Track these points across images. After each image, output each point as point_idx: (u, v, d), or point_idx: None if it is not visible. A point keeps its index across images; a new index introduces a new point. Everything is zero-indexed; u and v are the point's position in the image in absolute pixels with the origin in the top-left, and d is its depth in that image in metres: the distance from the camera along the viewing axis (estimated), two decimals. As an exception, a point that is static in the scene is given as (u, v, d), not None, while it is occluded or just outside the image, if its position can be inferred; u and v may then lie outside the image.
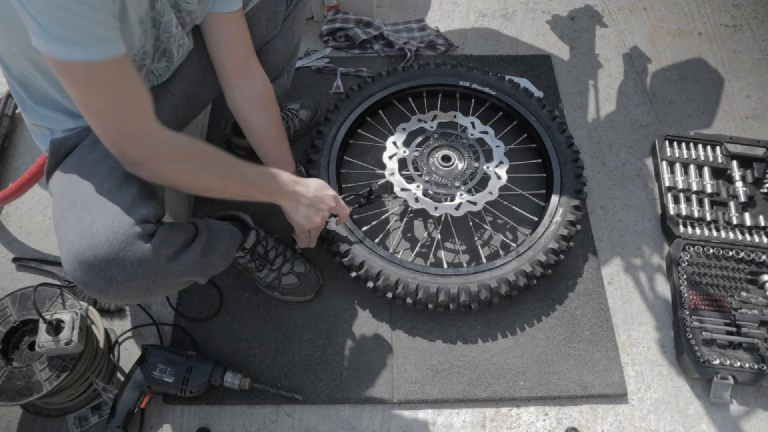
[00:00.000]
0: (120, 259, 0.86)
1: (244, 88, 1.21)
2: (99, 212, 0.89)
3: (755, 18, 2.03)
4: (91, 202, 0.91)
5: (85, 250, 0.85)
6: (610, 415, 1.28)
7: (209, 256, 1.04)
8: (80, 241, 0.86)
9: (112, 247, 0.85)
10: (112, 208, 0.90)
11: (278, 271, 1.32)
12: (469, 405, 1.28)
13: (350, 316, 1.37)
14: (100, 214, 0.88)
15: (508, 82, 1.63)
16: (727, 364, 1.28)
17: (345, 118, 1.55)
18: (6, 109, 1.63)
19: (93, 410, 1.22)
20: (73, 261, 0.85)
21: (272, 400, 1.25)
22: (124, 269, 0.86)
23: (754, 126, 1.75)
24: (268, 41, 1.29)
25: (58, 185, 0.99)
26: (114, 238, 0.86)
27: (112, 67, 0.82)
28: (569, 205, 1.42)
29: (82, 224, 0.87)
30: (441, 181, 1.41)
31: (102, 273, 0.85)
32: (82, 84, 0.81)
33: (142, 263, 0.88)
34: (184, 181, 0.98)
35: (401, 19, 1.96)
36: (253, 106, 1.23)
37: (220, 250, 1.09)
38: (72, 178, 0.97)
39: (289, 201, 1.15)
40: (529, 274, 1.32)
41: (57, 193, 0.98)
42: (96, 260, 0.85)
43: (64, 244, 0.88)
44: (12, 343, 1.13)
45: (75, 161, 1.00)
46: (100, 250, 0.85)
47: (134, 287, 0.89)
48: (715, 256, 1.44)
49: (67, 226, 0.89)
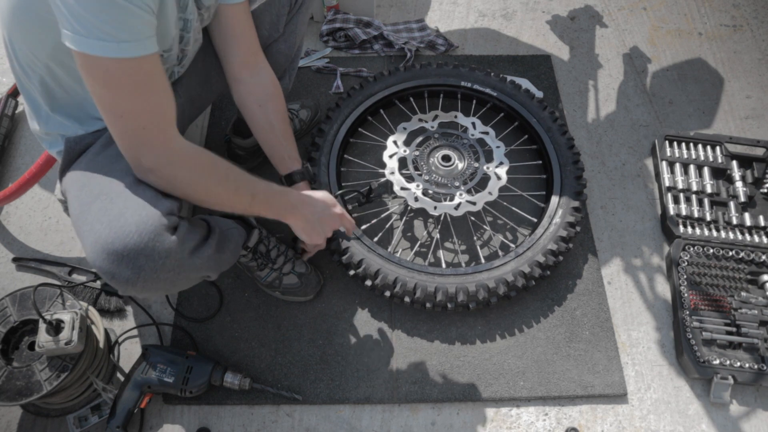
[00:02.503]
0: (149, 250, 0.85)
1: (251, 83, 1.21)
2: (126, 203, 0.88)
3: (755, 18, 2.03)
4: (115, 194, 0.90)
5: (114, 240, 0.84)
6: (610, 415, 1.28)
7: (222, 252, 1.05)
8: (108, 231, 0.85)
9: (141, 238, 0.85)
10: (138, 200, 0.89)
11: (279, 271, 1.32)
12: (469, 405, 1.28)
13: (350, 316, 1.37)
14: (128, 206, 0.88)
15: (510, 84, 1.63)
16: (727, 364, 1.28)
17: (346, 117, 1.55)
18: (6, 109, 1.63)
19: (93, 410, 1.22)
20: (100, 251, 0.84)
21: (272, 400, 1.25)
22: (153, 260, 0.86)
23: (754, 126, 1.75)
24: (271, 44, 1.29)
25: (75, 181, 0.99)
26: (144, 229, 0.85)
27: (144, 67, 0.81)
28: (569, 206, 1.42)
29: (109, 215, 0.87)
30: (441, 180, 1.41)
31: (131, 263, 0.85)
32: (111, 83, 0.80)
33: (169, 255, 0.88)
34: (195, 192, 0.97)
35: (401, 19, 1.96)
36: (260, 101, 1.23)
37: (230, 247, 1.10)
38: (89, 175, 0.97)
39: (296, 220, 1.15)
40: (528, 275, 1.32)
41: (75, 188, 0.97)
42: (125, 250, 0.84)
43: (89, 235, 0.86)
44: (12, 343, 1.13)
45: (90, 158, 1.00)
46: (129, 240, 0.84)
47: (160, 279, 0.89)
48: (715, 256, 1.44)
49: (91, 217, 0.88)
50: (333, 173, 1.45)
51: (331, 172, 1.45)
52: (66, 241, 1.47)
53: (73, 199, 0.96)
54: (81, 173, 0.98)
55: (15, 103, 1.67)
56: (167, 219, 0.89)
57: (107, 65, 0.78)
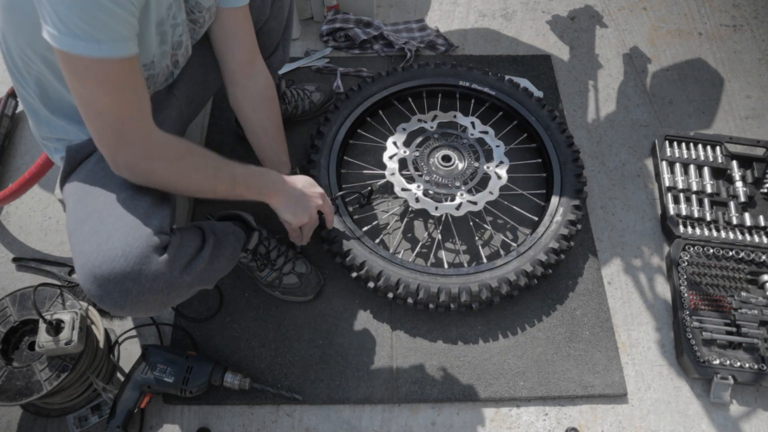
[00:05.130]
0: (135, 274, 0.85)
1: (249, 86, 1.21)
2: (115, 224, 0.88)
3: (755, 18, 2.03)
4: (106, 213, 0.90)
5: (101, 264, 0.84)
6: (610, 415, 1.28)
7: (216, 262, 1.04)
8: (96, 254, 0.85)
9: (128, 261, 0.84)
10: (127, 220, 0.89)
11: (279, 271, 1.32)
12: (469, 405, 1.28)
13: (350, 316, 1.37)
14: (116, 227, 0.88)
15: (508, 82, 1.63)
16: (727, 364, 1.28)
17: (345, 119, 1.55)
18: (6, 109, 1.63)
19: (93, 410, 1.22)
20: (88, 275, 0.84)
21: (272, 400, 1.25)
22: (140, 284, 0.86)
23: (754, 126, 1.75)
24: (261, 26, 1.29)
25: (72, 194, 0.98)
26: (130, 252, 0.85)
27: (123, 67, 0.82)
28: (569, 204, 1.42)
29: (98, 237, 0.86)
30: (441, 181, 1.41)
31: (117, 288, 0.84)
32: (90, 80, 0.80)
33: (157, 277, 0.87)
34: (175, 182, 0.96)
35: (401, 19, 1.96)
36: (254, 105, 1.23)
37: (226, 255, 1.09)
38: (86, 188, 0.96)
39: (278, 199, 1.13)
40: (530, 273, 1.32)
41: (71, 202, 0.97)
42: (111, 275, 0.84)
43: (79, 256, 0.87)
44: (12, 343, 1.13)
45: (89, 169, 1.00)
46: (116, 265, 0.84)
47: (149, 301, 0.88)
48: (715, 256, 1.44)
49: (82, 238, 0.88)
50: (333, 175, 1.44)
51: (331, 174, 1.44)
52: (66, 241, 1.47)
53: (69, 215, 0.96)
54: (79, 185, 0.98)
55: (15, 103, 1.67)
56: (158, 238, 0.89)
57: (86, 63, 0.78)
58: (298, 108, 1.61)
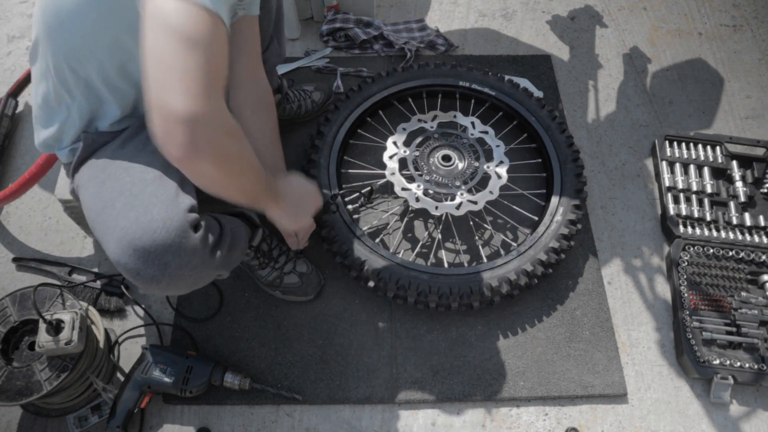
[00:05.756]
0: (176, 247, 0.85)
1: (251, 90, 1.23)
2: (150, 200, 0.88)
3: (755, 18, 2.03)
4: (138, 190, 0.90)
5: (141, 236, 0.83)
6: (610, 415, 1.27)
7: (233, 249, 1.05)
8: (135, 226, 0.84)
9: (169, 234, 0.84)
10: (162, 196, 0.89)
11: (281, 270, 1.32)
12: (469, 405, 1.28)
13: (350, 316, 1.37)
14: (152, 202, 0.87)
15: (508, 82, 1.63)
16: (727, 364, 1.28)
17: (345, 119, 1.55)
18: (6, 109, 1.63)
19: (93, 410, 1.22)
20: (126, 247, 0.84)
21: (272, 400, 1.25)
22: (179, 257, 0.86)
23: (754, 126, 1.75)
24: None
25: (93, 177, 0.98)
26: (171, 225, 0.85)
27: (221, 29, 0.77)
28: (569, 204, 1.42)
29: (135, 211, 0.86)
30: (441, 180, 1.41)
31: (157, 260, 0.84)
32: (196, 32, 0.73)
33: (194, 252, 0.88)
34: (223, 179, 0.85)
35: (401, 19, 1.96)
36: (254, 109, 1.24)
37: (240, 245, 1.10)
38: (109, 170, 0.96)
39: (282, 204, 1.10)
40: (531, 273, 1.32)
41: (93, 184, 0.97)
42: (153, 246, 0.84)
43: (113, 231, 0.86)
44: (12, 343, 1.13)
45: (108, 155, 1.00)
46: (157, 236, 0.84)
47: (184, 277, 0.89)
48: (715, 256, 1.44)
49: (115, 213, 0.88)
50: (333, 175, 1.44)
51: (331, 174, 1.45)
52: (66, 241, 1.47)
53: (91, 196, 0.95)
54: (100, 168, 0.98)
55: (15, 103, 1.67)
56: (192, 215, 0.89)
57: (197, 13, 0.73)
58: (302, 108, 1.62)
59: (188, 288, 0.94)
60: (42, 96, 1.03)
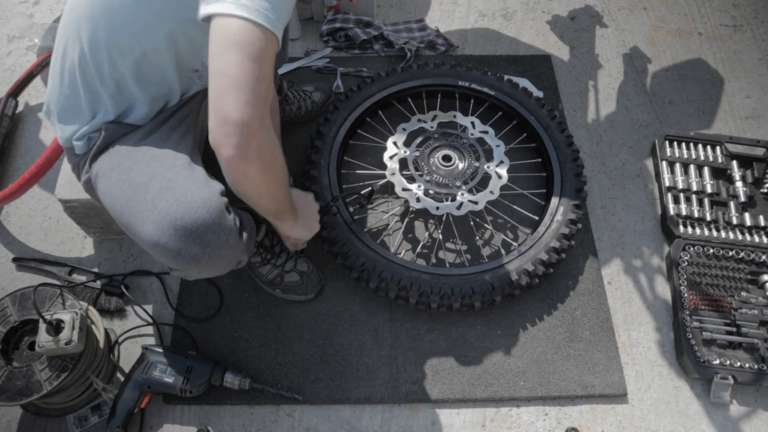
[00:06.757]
0: (216, 225, 0.88)
1: None
2: (186, 182, 0.90)
3: (755, 18, 2.03)
4: (172, 175, 0.92)
5: (183, 215, 0.86)
6: (610, 415, 1.27)
7: (252, 237, 1.08)
8: (176, 207, 0.86)
9: (210, 213, 0.87)
10: (196, 179, 0.91)
11: (281, 268, 1.32)
12: (469, 405, 1.28)
13: (350, 316, 1.37)
14: (189, 184, 0.90)
15: (507, 82, 1.63)
16: (727, 364, 1.28)
17: (345, 119, 1.55)
18: (6, 109, 1.63)
19: (93, 410, 1.22)
20: (167, 227, 0.86)
21: (272, 400, 1.25)
22: (219, 236, 0.88)
23: (754, 126, 1.75)
24: None
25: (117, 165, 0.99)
26: (210, 204, 0.88)
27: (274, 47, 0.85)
28: (570, 203, 1.42)
29: (173, 193, 0.88)
30: (442, 180, 1.41)
31: (199, 239, 0.86)
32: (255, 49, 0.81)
33: (231, 232, 0.91)
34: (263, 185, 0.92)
35: (401, 19, 1.96)
36: None
37: (252, 235, 1.12)
38: (135, 158, 0.98)
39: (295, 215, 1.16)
40: (531, 272, 1.32)
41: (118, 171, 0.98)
42: (195, 225, 0.86)
43: (150, 213, 0.87)
44: (12, 343, 1.13)
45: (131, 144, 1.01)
46: (199, 216, 0.86)
47: (222, 256, 0.91)
48: (715, 256, 1.44)
49: (151, 196, 0.89)
50: (333, 176, 1.44)
51: (331, 174, 1.44)
52: (66, 241, 1.47)
53: (117, 182, 0.96)
54: (124, 157, 0.99)
55: (15, 103, 1.67)
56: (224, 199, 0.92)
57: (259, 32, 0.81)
58: (302, 108, 1.62)
59: (222, 269, 0.97)
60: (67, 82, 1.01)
